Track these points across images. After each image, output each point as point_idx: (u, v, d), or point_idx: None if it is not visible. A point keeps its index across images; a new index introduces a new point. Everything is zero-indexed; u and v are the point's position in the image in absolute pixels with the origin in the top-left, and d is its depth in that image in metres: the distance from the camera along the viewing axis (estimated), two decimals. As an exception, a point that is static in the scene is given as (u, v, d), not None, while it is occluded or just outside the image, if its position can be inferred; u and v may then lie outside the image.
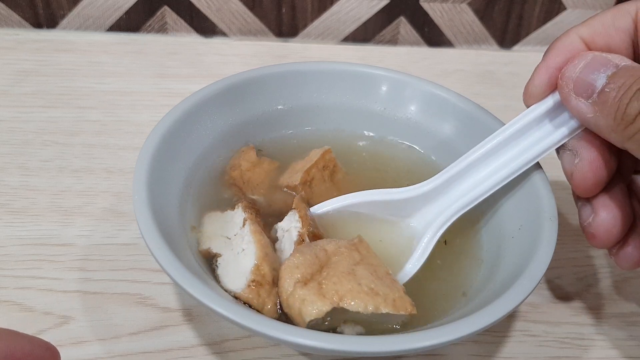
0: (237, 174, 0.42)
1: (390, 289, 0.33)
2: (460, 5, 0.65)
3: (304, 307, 0.32)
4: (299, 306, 0.32)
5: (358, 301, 0.32)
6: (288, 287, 0.33)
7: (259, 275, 0.34)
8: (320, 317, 0.31)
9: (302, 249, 0.35)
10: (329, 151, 0.43)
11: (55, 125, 0.51)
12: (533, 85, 0.35)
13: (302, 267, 0.33)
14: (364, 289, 0.32)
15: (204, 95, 0.41)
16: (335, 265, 0.34)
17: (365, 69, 0.46)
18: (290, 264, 0.34)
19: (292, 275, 0.33)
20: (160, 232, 0.32)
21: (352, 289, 0.32)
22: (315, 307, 0.32)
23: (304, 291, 0.32)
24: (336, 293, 0.32)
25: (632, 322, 0.40)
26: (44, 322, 0.37)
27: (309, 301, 0.32)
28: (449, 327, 0.29)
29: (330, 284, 0.33)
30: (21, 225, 0.43)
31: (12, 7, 0.62)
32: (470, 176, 0.38)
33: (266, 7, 0.64)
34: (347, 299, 0.32)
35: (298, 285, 0.33)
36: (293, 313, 0.32)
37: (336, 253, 0.35)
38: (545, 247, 0.34)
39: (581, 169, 0.33)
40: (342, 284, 0.33)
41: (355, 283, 0.33)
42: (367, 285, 0.33)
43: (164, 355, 0.36)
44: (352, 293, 0.32)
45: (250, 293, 0.33)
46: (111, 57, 0.61)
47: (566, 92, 0.32)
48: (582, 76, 0.32)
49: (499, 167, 0.37)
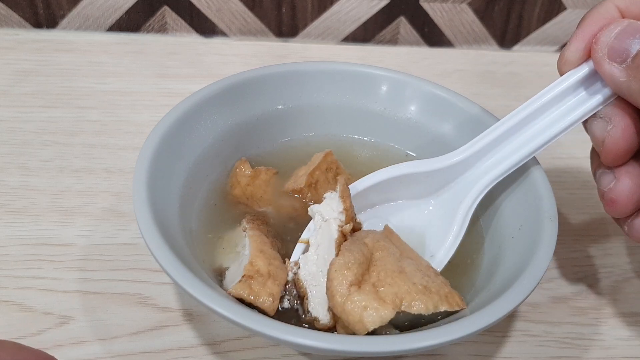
0: (238, 191, 0.42)
1: (439, 285, 0.32)
2: (460, 5, 0.65)
3: (366, 314, 0.30)
4: (360, 313, 0.31)
5: (419, 303, 0.31)
6: (342, 289, 0.31)
7: (251, 271, 0.34)
8: (384, 324, 0.30)
9: (349, 247, 0.33)
10: (330, 153, 0.43)
11: (55, 125, 0.51)
12: (569, 51, 0.35)
13: (353, 267, 0.32)
14: (419, 288, 0.31)
15: (204, 95, 0.41)
16: (382, 263, 0.33)
17: (365, 69, 0.46)
18: (340, 264, 0.32)
19: (344, 277, 0.32)
20: (160, 232, 0.32)
21: (410, 289, 0.31)
22: (379, 314, 0.30)
23: (362, 296, 0.31)
24: (396, 296, 0.31)
25: (632, 322, 0.40)
26: (44, 322, 0.37)
27: (372, 308, 0.31)
28: (449, 327, 0.29)
29: (387, 286, 0.31)
30: (21, 225, 0.43)
31: (12, 7, 0.62)
32: (504, 145, 0.38)
33: (266, 7, 0.64)
34: (407, 301, 0.31)
35: (353, 288, 0.31)
36: (352, 319, 0.31)
37: (377, 248, 0.34)
38: (545, 247, 0.34)
39: (614, 136, 0.33)
40: (398, 285, 0.31)
41: (410, 283, 0.32)
42: (421, 284, 0.32)
43: (164, 355, 0.36)
44: (411, 294, 0.31)
45: (240, 287, 0.33)
46: (111, 57, 0.61)
47: (599, 56, 0.33)
48: (616, 41, 0.32)
49: (535, 135, 0.37)
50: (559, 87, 0.35)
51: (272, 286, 0.33)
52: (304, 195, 0.41)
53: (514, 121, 0.37)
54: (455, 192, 0.39)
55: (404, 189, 0.40)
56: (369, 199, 0.39)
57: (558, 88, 0.35)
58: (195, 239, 0.38)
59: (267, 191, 0.42)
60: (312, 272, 0.34)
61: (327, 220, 0.35)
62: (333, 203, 0.36)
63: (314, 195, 0.41)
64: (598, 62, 0.33)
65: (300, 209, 0.41)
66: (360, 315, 0.31)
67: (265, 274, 0.34)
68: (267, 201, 0.41)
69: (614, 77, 0.32)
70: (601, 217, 0.48)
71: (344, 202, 0.35)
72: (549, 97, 0.36)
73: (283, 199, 0.42)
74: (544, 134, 0.36)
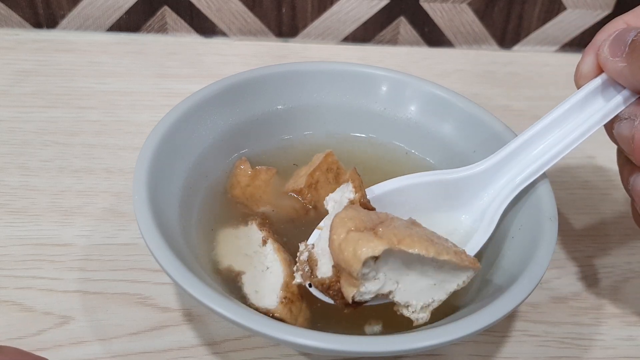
0: (238, 192, 0.42)
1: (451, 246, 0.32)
2: (460, 5, 0.65)
3: (358, 247, 0.29)
4: (353, 247, 0.30)
5: (419, 245, 0.30)
6: (341, 233, 0.31)
7: (289, 292, 0.34)
8: (377, 254, 0.29)
9: (356, 207, 0.33)
10: (330, 154, 0.43)
11: (55, 125, 0.51)
12: (583, 64, 0.36)
13: (355, 219, 0.31)
14: (424, 237, 0.31)
15: (204, 95, 0.41)
16: (391, 223, 0.32)
17: (365, 69, 0.46)
18: (342, 215, 0.32)
19: (344, 225, 0.31)
20: (160, 232, 0.32)
21: (412, 234, 0.30)
22: (371, 245, 0.29)
23: (358, 234, 0.30)
24: (395, 236, 0.30)
25: (632, 322, 0.40)
26: (44, 322, 0.37)
27: (365, 240, 0.30)
28: (449, 327, 0.29)
29: (387, 231, 0.30)
30: (21, 225, 0.43)
31: (12, 7, 0.62)
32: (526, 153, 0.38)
33: (266, 7, 0.64)
34: (406, 242, 0.30)
35: (351, 231, 0.30)
36: (346, 257, 0.30)
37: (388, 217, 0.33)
38: (545, 247, 0.34)
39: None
40: (401, 231, 0.31)
41: (414, 233, 0.31)
42: (427, 237, 0.31)
43: (164, 355, 0.36)
44: (412, 238, 0.30)
45: (283, 310, 0.34)
46: (111, 57, 0.61)
47: (604, 57, 0.34)
48: (615, 39, 0.34)
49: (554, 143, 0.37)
50: (579, 95, 0.36)
51: (306, 311, 0.35)
52: (304, 196, 0.41)
53: (537, 129, 0.37)
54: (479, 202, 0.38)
55: (425, 199, 0.39)
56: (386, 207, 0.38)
57: (578, 96, 0.36)
58: (195, 239, 0.38)
59: (267, 191, 0.42)
60: (324, 248, 0.34)
61: (340, 200, 0.35)
62: (345, 188, 0.36)
63: (314, 195, 0.41)
64: (603, 64, 0.34)
65: (300, 209, 0.41)
66: (354, 248, 0.30)
67: (300, 297, 0.35)
68: (267, 201, 0.41)
69: (617, 70, 0.33)
70: (601, 217, 0.48)
71: (354, 181, 0.35)
72: (570, 105, 0.36)
73: (283, 199, 0.42)
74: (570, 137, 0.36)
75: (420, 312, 0.33)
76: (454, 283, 0.33)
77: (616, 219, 0.48)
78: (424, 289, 0.32)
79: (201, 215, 0.39)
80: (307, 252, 0.34)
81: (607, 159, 0.53)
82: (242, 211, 0.41)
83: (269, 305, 0.34)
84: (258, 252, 0.37)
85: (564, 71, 0.66)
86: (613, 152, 0.37)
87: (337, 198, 0.36)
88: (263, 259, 0.36)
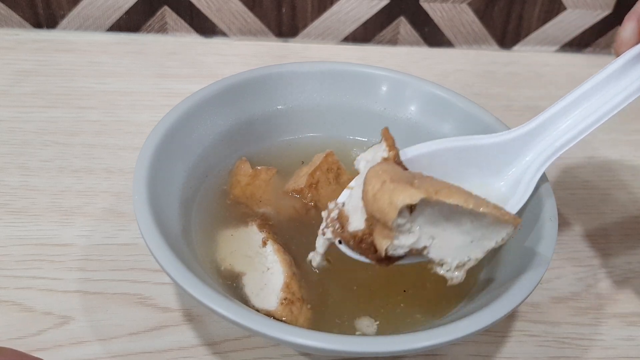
0: (238, 191, 0.42)
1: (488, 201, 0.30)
2: (460, 5, 0.65)
3: (395, 195, 0.28)
4: (389, 195, 0.28)
5: (457, 196, 0.29)
6: (375, 185, 0.29)
7: (289, 293, 0.34)
8: (414, 202, 0.28)
9: (390, 163, 0.32)
10: (331, 154, 0.43)
11: (55, 125, 0.51)
12: (624, 31, 0.35)
13: (390, 172, 0.30)
14: (462, 190, 0.30)
15: (204, 95, 0.41)
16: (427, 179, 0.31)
17: (365, 69, 0.46)
18: (376, 168, 0.31)
19: (379, 177, 0.30)
20: (160, 232, 0.32)
21: (450, 186, 0.29)
22: (408, 193, 0.28)
23: (393, 184, 0.29)
24: (432, 187, 0.29)
25: (632, 322, 0.40)
26: (44, 322, 0.37)
27: (401, 189, 0.28)
28: (449, 327, 0.29)
29: (424, 183, 0.29)
30: (21, 225, 0.43)
31: (12, 7, 0.62)
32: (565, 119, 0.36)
33: (266, 7, 0.64)
34: (444, 193, 0.29)
35: (387, 182, 0.29)
36: (381, 206, 0.29)
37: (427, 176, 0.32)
38: (545, 247, 0.34)
39: None
40: (438, 183, 0.30)
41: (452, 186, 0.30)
42: (465, 190, 0.30)
43: (164, 355, 0.36)
44: (450, 189, 0.29)
45: (283, 311, 0.34)
46: (111, 57, 0.61)
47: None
48: None
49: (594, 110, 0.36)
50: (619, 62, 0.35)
51: (307, 311, 0.35)
52: (304, 196, 0.41)
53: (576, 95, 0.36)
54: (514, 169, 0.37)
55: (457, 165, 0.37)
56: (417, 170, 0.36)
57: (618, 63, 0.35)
58: (195, 239, 0.38)
59: (267, 191, 0.42)
60: (355, 205, 0.33)
61: (372, 160, 0.34)
62: (378, 149, 0.35)
63: (315, 195, 0.41)
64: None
65: (301, 209, 0.41)
66: (389, 197, 0.28)
67: (301, 298, 0.35)
68: (267, 201, 0.41)
69: None
70: (601, 217, 0.48)
71: (387, 140, 0.34)
72: (610, 72, 0.35)
73: (283, 199, 0.42)
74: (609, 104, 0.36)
75: (455, 270, 0.31)
76: (492, 240, 0.31)
77: (616, 219, 0.48)
78: (460, 246, 0.31)
79: (201, 215, 0.39)
80: (337, 210, 0.33)
81: (607, 159, 0.53)
82: (243, 211, 0.41)
83: (269, 307, 0.34)
84: (258, 253, 0.37)
85: (564, 71, 0.66)
86: (613, 152, 0.37)
87: (369, 157, 0.35)
88: (264, 260, 0.36)
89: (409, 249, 0.30)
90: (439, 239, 0.31)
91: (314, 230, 0.37)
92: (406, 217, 0.29)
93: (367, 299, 0.36)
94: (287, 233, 0.39)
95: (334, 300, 0.36)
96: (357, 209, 0.32)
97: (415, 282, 0.37)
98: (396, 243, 0.30)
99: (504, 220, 0.30)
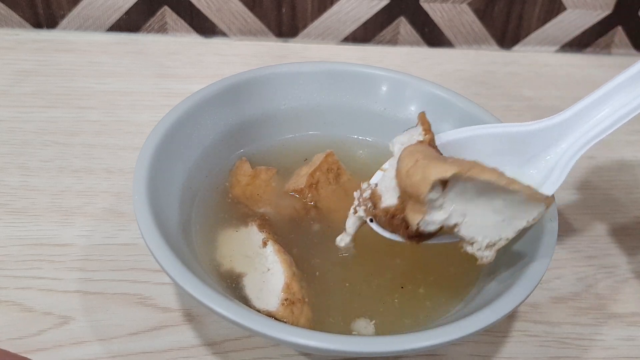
0: (238, 191, 0.42)
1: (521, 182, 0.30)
2: (460, 5, 0.65)
3: (428, 170, 0.29)
4: (422, 170, 0.29)
5: (490, 173, 0.29)
6: (409, 163, 0.30)
7: (289, 294, 0.34)
8: (446, 176, 0.28)
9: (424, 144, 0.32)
10: (331, 154, 0.43)
11: (55, 125, 0.51)
12: None
13: (424, 152, 0.30)
14: (494, 169, 0.29)
15: (204, 95, 0.41)
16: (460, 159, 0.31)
17: (365, 69, 0.46)
18: (410, 148, 0.31)
19: (413, 155, 0.30)
20: (160, 232, 0.32)
21: (482, 164, 0.29)
22: (441, 167, 0.28)
23: (427, 161, 0.29)
24: (463, 163, 0.29)
25: (632, 322, 0.40)
26: (44, 322, 0.37)
27: (434, 164, 0.29)
28: (449, 327, 0.29)
29: (457, 160, 0.30)
30: (21, 225, 0.43)
31: (12, 7, 0.62)
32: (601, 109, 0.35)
33: (266, 7, 0.64)
34: (477, 169, 0.29)
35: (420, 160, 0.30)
36: (414, 181, 0.29)
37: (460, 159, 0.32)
38: (545, 247, 0.34)
39: None
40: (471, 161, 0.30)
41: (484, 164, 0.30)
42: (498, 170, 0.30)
43: (164, 355, 0.36)
44: (482, 167, 0.29)
45: (284, 311, 0.34)
46: (111, 57, 0.61)
47: None
48: None
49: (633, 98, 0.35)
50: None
51: (308, 312, 0.35)
52: (304, 196, 0.41)
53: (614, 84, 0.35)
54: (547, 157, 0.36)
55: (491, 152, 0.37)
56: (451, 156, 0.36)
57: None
58: (195, 239, 0.38)
59: (267, 191, 0.42)
60: (387, 186, 0.33)
61: (408, 142, 0.34)
62: (414, 132, 0.35)
63: (315, 195, 0.41)
64: None
65: (301, 209, 0.41)
66: (422, 171, 0.29)
67: (301, 298, 0.35)
68: (267, 201, 0.41)
69: None
70: (601, 217, 0.48)
71: (424, 124, 0.34)
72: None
73: (283, 198, 0.42)
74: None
75: (485, 249, 0.31)
76: (524, 220, 0.31)
77: (616, 219, 0.48)
78: (492, 225, 0.31)
79: (201, 215, 0.39)
80: (369, 189, 0.33)
81: (607, 159, 0.53)
82: (243, 211, 0.41)
83: (270, 308, 0.34)
84: (259, 253, 0.37)
85: (564, 71, 0.66)
86: (613, 152, 0.37)
87: (404, 140, 0.35)
88: (264, 260, 0.36)
89: (440, 226, 0.30)
90: (470, 216, 0.30)
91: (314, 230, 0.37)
92: (438, 192, 0.29)
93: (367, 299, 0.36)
94: (287, 233, 0.39)
95: (335, 300, 0.36)
96: (389, 188, 0.32)
97: (416, 281, 0.37)
98: (428, 219, 0.30)
99: (535, 199, 0.30)
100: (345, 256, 0.38)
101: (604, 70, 0.66)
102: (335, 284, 0.37)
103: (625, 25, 0.67)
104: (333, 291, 0.37)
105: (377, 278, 0.37)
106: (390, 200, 0.32)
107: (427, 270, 0.38)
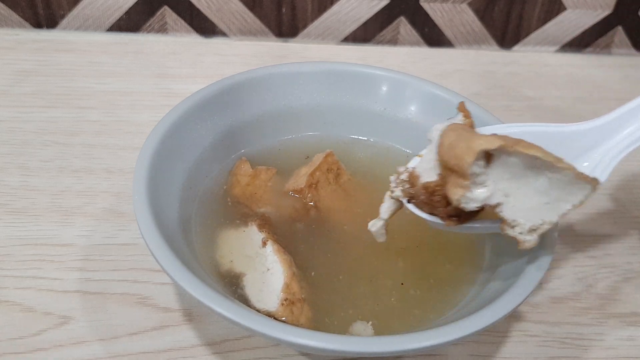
0: (238, 191, 0.42)
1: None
2: (460, 5, 0.65)
3: (472, 140, 0.27)
4: (466, 141, 0.28)
5: (536, 149, 0.27)
6: (452, 137, 0.29)
7: (289, 294, 0.34)
8: (492, 147, 0.27)
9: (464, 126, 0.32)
10: (331, 154, 0.43)
11: (55, 125, 0.51)
12: None
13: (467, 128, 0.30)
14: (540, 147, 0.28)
15: (204, 96, 0.41)
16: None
17: (365, 69, 0.46)
18: (452, 126, 0.30)
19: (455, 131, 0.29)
20: (160, 232, 0.32)
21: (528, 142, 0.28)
22: (486, 139, 0.27)
23: (470, 134, 0.28)
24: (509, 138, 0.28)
25: (632, 322, 0.40)
26: (44, 322, 0.37)
27: (479, 136, 0.28)
28: (449, 327, 0.29)
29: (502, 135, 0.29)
30: (21, 225, 0.43)
31: (12, 7, 0.62)
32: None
33: (266, 7, 0.64)
34: (523, 144, 0.27)
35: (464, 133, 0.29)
36: (458, 152, 0.28)
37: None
38: (545, 247, 0.34)
39: None
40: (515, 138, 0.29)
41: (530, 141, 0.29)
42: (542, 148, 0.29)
43: (164, 355, 0.36)
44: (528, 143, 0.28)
45: (284, 311, 0.34)
46: (111, 57, 0.61)
47: None
48: None
49: None
50: None
51: (307, 311, 0.35)
52: (304, 196, 0.41)
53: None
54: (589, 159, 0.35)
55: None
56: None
57: None
58: (196, 239, 0.38)
59: (267, 191, 0.42)
60: (425, 168, 0.32)
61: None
62: (455, 119, 0.34)
63: (315, 195, 0.41)
64: None
65: (301, 209, 0.41)
66: (467, 142, 0.28)
67: (301, 298, 0.35)
68: (267, 201, 0.41)
69: None
70: (601, 217, 0.48)
71: (463, 111, 0.34)
72: None
73: (283, 198, 0.42)
74: None
75: (527, 234, 0.30)
76: (569, 203, 0.30)
77: (617, 219, 0.48)
78: (535, 207, 0.30)
79: (201, 215, 0.39)
80: (406, 172, 0.33)
81: (607, 159, 0.53)
82: (243, 211, 0.41)
83: (270, 308, 0.34)
84: (258, 253, 0.37)
85: (564, 71, 0.66)
86: (613, 152, 0.37)
87: (442, 127, 0.34)
88: (264, 260, 0.36)
89: (481, 204, 0.29)
90: (513, 197, 0.30)
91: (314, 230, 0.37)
92: (482, 167, 0.28)
93: (367, 299, 0.36)
94: (287, 233, 0.39)
95: (335, 300, 0.36)
96: (428, 169, 0.31)
97: (416, 281, 0.37)
98: (469, 196, 0.29)
99: (582, 179, 0.29)
100: (345, 256, 0.38)
101: (604, 70, 0.66)
102: (335, 283, 0.37)
103: (625, 25, 0.67)
104: (333, 291, 0.37)
105: (378, 278, 0.37)
106: (430, 178, 0.31)
107: (427, 270, 0.38)
